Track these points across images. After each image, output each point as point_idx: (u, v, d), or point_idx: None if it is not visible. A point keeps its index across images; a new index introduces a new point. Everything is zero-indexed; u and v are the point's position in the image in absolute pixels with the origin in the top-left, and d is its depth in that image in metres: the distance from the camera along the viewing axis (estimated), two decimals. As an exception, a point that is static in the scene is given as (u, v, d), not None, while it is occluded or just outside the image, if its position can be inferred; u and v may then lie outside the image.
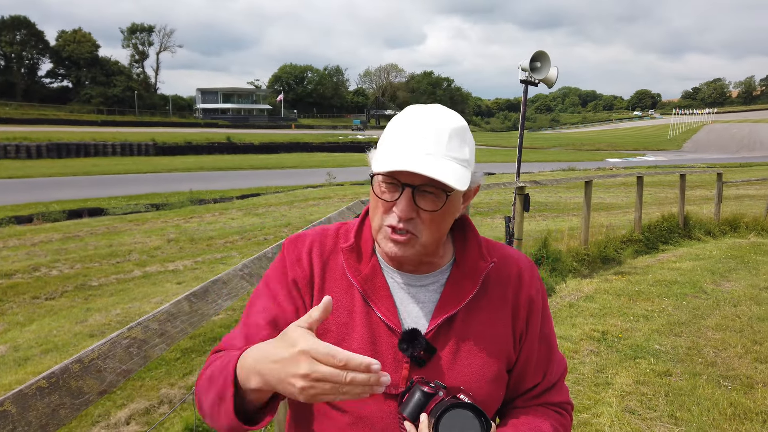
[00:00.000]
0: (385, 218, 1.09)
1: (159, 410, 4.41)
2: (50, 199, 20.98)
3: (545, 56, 6.61)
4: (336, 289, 1.16)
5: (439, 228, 1.10)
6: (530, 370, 1.22)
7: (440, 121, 1.07)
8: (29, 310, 8.25)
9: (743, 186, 22.47)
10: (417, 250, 1.10)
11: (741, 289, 6.59)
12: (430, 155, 1.03)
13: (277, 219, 15.79)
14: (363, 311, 1.14)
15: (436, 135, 1.05)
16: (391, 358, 1.11)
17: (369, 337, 1.12)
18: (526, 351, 1.21)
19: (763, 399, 3.84)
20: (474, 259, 1.19)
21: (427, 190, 1.05)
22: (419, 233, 1.08)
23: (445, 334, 1.13)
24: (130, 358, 1.18)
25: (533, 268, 1.26)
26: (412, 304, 1.16)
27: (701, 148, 69.31)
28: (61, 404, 0.97)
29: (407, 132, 1.06)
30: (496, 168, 34.94)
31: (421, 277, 1.17)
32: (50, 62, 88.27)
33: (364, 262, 1.17)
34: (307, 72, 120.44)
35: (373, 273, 1.16)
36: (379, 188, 1.09)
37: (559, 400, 1.25)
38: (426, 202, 1.06)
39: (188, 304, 1.44)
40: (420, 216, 1.07)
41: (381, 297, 1.14)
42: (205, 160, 44.38)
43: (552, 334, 1.27)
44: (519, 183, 6.92)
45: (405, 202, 1.05)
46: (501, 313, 1.18)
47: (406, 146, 1.04)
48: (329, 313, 0.91)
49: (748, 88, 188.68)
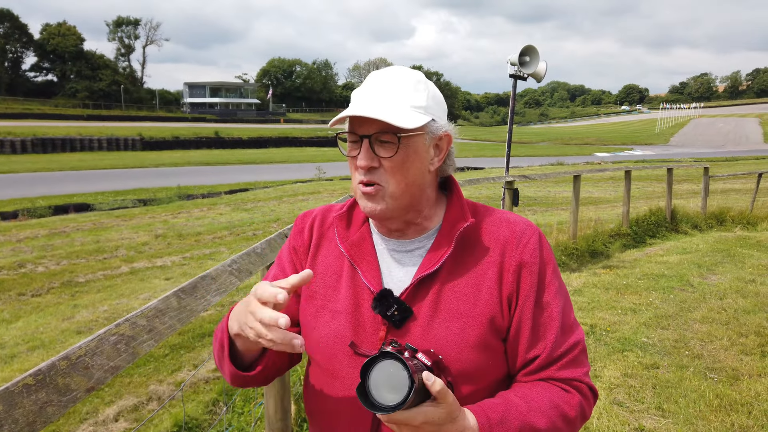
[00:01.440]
0: (356, 176, 1.14)
1: (148, 407, 4.39)
2: (35, 194, 20.75)
3: (534, 50, 6.62)
4: (329, 255, 1.24)
5: (405, 176, 1.12)
6: (524, 339, 1.14)
7: (391, 74, 1.14)
8: (15, 306, 8.16)
9: (729, 180, 22.69)
10: (387, 202, 1.13)
11: (727, 282, 6.66)
12: (377, 102, 1.10)
13: (266, 214, 15.73)
14: (349, 275, 1.19)
15: (384, 85, 1.12)
16: (371, 320, 1.14)
17: (352, 300, 1.16)
18: (518, 318, 1.14)
19: (748, 390, 3.89)
20: (455, 220, 1.19)
21: (381, 138, 1.10)
22: (385, 183, 1.12)
23: (423, 295, 1.13)
24: (118, 354, 1.16)
25: (532, 232, 1.19)
26: (396, 269, 1.18)
27: (688, 143, 69.90)
28: (48, 402, 0.96)
29: (361, 88, 1.15)
30: (485, 162, 35.05)
31: (407, 243, 1.20)
32: (34, 56, 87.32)
33: (353, 229, 1.24)
34: (295, 66, 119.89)
35: (360, 239, 1.21)
36: (346, 148, 1.16)
37: (567, 377, 1.14)
38: (384, 149, 1.10)
39: (177, 300, 1.43)
40: (383, 165, 1.11)
41: (366, 261, 1.18)
42: (193, 155, 44.08)
43: (556, 305, 1.16)
44: (508, 177, 6.94)
45: (364, 151, 1.11)
46: (485, 276, 1.14)
47: (357, 99, 1.13)
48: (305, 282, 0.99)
49: (734, 83, 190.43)
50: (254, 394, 3.78)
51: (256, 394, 3.74)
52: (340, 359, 1.15)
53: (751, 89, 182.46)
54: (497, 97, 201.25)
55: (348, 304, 1.16)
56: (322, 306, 1.20)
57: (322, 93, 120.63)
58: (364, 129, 1.10)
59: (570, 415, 1.11)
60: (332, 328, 1.16)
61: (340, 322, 1.16)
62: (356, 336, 1.14)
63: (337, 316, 1.17)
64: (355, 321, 1.15)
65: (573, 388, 1.14)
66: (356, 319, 1.15)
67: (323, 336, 1.17)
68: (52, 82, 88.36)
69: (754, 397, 3.80)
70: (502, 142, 11.70)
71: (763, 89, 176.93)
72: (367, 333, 1.14)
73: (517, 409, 1.06)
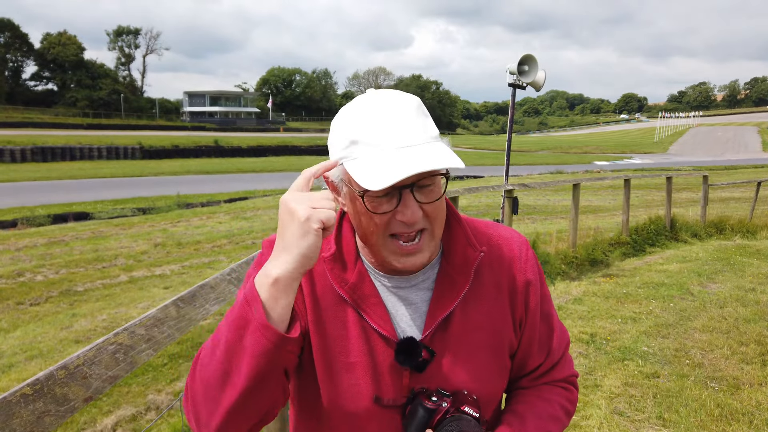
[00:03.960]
0: (387, 230, 1.00)
1: (146, 417, 4.37)
2: (35, 203, 20.74)
3: (533, 59, 6.65)
4: (325, 297, 1.09)
5: (443, 215, 1.05)
6: (533, 351, 1.19)
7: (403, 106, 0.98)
8: (13, 316, 8.14)
9: (728, 188, 22.72)
10: (431, 248, 1.03)
11: (727, 290, 6.65)
12: (414, 147, 0.94)
13: (265, 223, 15.74)
14: (356, 322, 1.08)
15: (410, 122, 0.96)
16: (389, 368, 1.06)
17: (366, 349, 1.07)
18: (528, 334, 1.17)
19: (749, 400, 3.88)
20: (462, 248, 1.11)
21: (423, 183, 0.98)
22: (430, 226, 1.02)
23: (443, 335, 1.07)
24: (117, 364, 1.16)
25: (527, 247, 1.18)
26: (404, 308, 1.10)
27: (687, 151, 69.99)
28: (45, 411, 0.95)
29: (380, 131, 0.96)
30: (484, 171, 35.07)
31: (410, 278, 1.10)
32: (35, 65, 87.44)
33: (349, 270, 1.09)
34: (295, 75, 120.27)
35: (360, 280, 1.08)
36: (370, 203, 0.98)
37: (564, 376, 1.23)
38: (425, 194, 0.99)
39: (175, 309, 1.43)
40: (425, 211, 0.99)
41: (371, 305, 1.07)
42: (193, 164, 44.12)
43: (551, 311, 1.22)
44: (507, 186, 6.95)
45: (411, 204, 0.97)
46: (498, 301, 1.12)
47: (392, 149, 0.94)
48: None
49: (732, 92, 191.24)
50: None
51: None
52: (362, 415, 1.06)
53: (750, 98, 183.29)
54: (496, 105, 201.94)
55: (362, 355, 1.07)
56: (333, 359, 1.08)
57: (322, 102, 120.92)
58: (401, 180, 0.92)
59: (571, 410, 1.22)
60: (350, 382, 1.07)
61: (358, 374, 1.06)
62: (378, 387, 1.06)
63: (352, 368, 1.07)
64: (374, 371, 1.06)
65: (570, 384, 1.24)
66: (374, 370, 1.07)
67: (341, 392, 1.07)
68: (52, 91, 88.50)
69: (755, 406, 3.78)
70: (502, 150, 11.74)
71: (761, 98, 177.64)
72: (388, 383, 1.06)
73: (538, 424, 1.13)
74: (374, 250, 1.05)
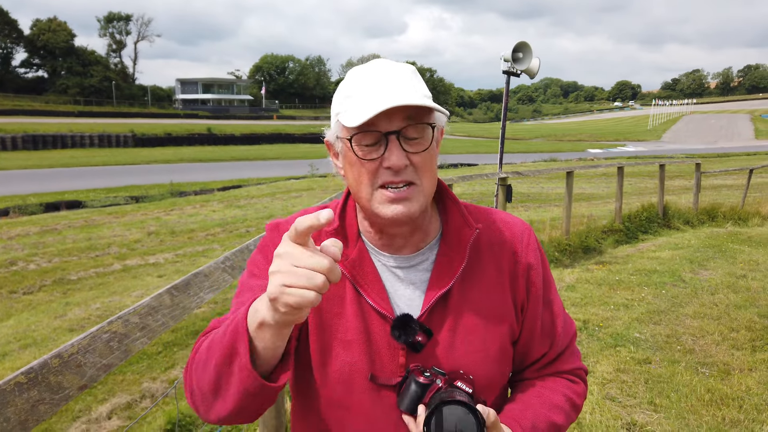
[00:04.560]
0: (376, 180, 1.00)
1: (141, 404, 4.38)
2: (27, 191, 20.61)
3: (527, 47, 6.62)
4: None
5: (433, 170, 1.04)
6: (536, 339, 1.16)
7: (397, 67, 1.03)
8: (7, 305, 8.11)
9: (721, 176, 22.84)
10: (421, 202, 1.02)
11: (718, 277, 6.71)
12: (400, 91, 0.97)
13: (259, 211, 15.70)
14: (354, 299, 1.08)
15: (400, 76, 1.00)
16: (387, 346, 1.06)
17: (362, 327, 1.07)
18: (530, 321, 1.14)
19: (739, 385, 3.93)
20: (458, 227, 1.11)
21: (409, 134, 0.99)
22: (418, 180, 1.01)
23: (441, 314, 1.07)
24: (111, 352, 1.16)
25: (529, 231, 1.18)
26: (403, 287, 1.10)
27: (680, 139, 70.19)
28: (40, 400, 0.95)
29: (365, 82, 1.00)
30: (478, 159, 35.09)
31: (410, 257, 1.10)
32: (24, 52, 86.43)
33: (350, 246, 1.10)
34: (288, 62, 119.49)
35: (360, 257, 1.09)
36: (360, 151, 1.00)
37: (570, 367, 1.20)
38: (413, 145, 0.99)
39: (169, 297, 1.43)
40: (413, 162, 1.00)
41: (370, 282, 1.07)
42: (186, 152, 43.91)
43: (556, 299, 1.19)
44: (501, 174, 6.95)
45: (395, 149, 0.98)
46: (498, 283, 1.11)
47: (373, 93, 0.97)
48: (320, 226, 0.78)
49: (725, 80, 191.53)
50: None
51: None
52: (358, 392, 1.07)
53: (743, 85, 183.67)
54: (490, 93, 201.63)
55: (359, 333, 1.07)
56: (331, 337, 1.08)
57: (316, 89, 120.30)
58: (386, 125, 0.97)
59: (578, 403, 1.18)
60: (346, 360, 1.07)
61: (354, 353, 1.07)
62: (373, 366, 1.06)
63: (348, 346, 1.07)
64: (370, 350, 1.06)
65: (577, 377, 1.21)
66: (370, 348, 1.07)
67: (337, 369, 1.07)
68: (42, 78, 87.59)
69: (745, 391, 3.83)
70: (496, 138, 11.84)
71: (754, 85, 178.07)
72: (384, 361, 1.06)
73: (541, 412, 1.11)
74: (365, 205, 1.04)
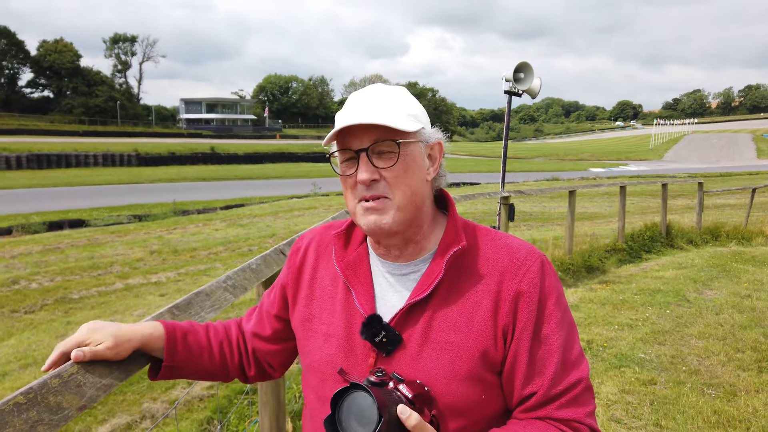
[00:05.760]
0: (355, 194, 1.10)
1: (141, 425, 4.34)
2: (30, 210, 20.69)
3: (528, 67, 6.67)
4: (326, 276, 1.21)
5: (409, 185, 1.08)
6: (519, 374, 1.06)
7: (375, 89, 1.13)
8: (8, 323, 8.09)
9: (723, 195, 22.82)
10: (394, 215, 1.07)
11: (723, 297, 6.66)
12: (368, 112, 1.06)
13: (261, 230, 15.71)
14: (344, 298, 1.16)
15: (371, 98, 1.10)
16: (362, 346, 1.11)
17: (345, 324, 1.13)
18: (513, 351, 1.06)
19: (746, 406, 3.88)
20: (449, 243, 1.13)
21: (379, 149, 1.07)
22: (390, 194, 1.07)
23: (413, 323, 1.08)
24: (111, 372, 1.15)
25: (534, 261, 1.11)
26: (391, 293, 1.14)
27: (682, 158, 70.33)
28: (39, 420, 0.94)
29: (347, 106, 1.12)
30: (481, 178, 35.17)
31: (402, 266, 1.15)
32: (31, 72, 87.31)
33: (350, 248, 1.20)
34: (291, 82, 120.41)
35: (357, 260, 1.18)
36: (340, 167, 1.12)
37: (566, 417, 1.04)
38: (383, 160, 1.07)
39: (171, 316, 1.42)
40: (384, 177, 1.07)
41: (361, 284, 1.14)
42: (189, 171, 44.09)
43: (557, 338, 1.07)
44: (504, 193, 6.96)
45: (363, 165, 1.07)
46: (480, 305, 1.07)
47: (347, 114, 1.08)
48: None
49: (726, 99, 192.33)
50: (249, 411, 3.74)
51: (251, 412, 3.70)
52: (330, 384, 1.11)
53: (744, 105, 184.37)
54: (492, 113, 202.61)
55: (340, 329, 1.13)
56: (317, 329, 1.18)
57: (319, 109, 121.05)
58: (357, 143, 1.07)
59: None
60: (324, 352, 1.14)
61: (332, 346, 1.13)
62: (346, 362, 1.11)
63: (329, 340, 1.14)
64: (347, 346, 1.12)
65: (572, 430, 1.04)
66: (348, 345, 1.12)
67: (315, 360, 1.16)
68: (48, 98, 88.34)
69: (752, 413, 3.78)
70: (498, 157, 11.86)
71: (755, 105, 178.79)
72: (357, 359, 1.10)
73: None
74: (353, 216, 1.13)
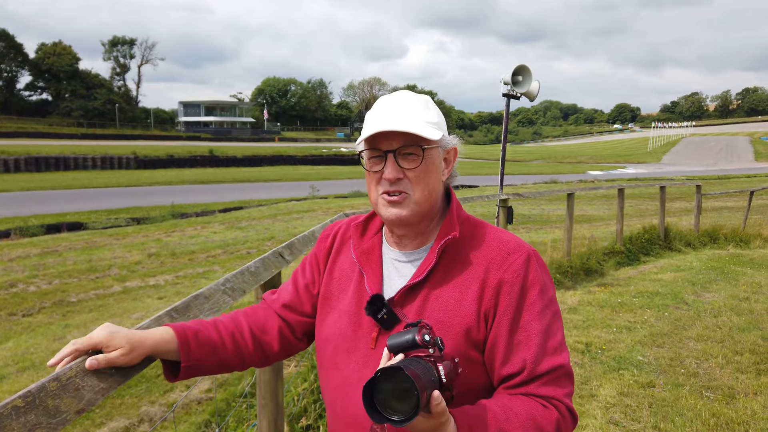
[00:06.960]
0: (379, 188, 1.26)
1: (139, 428, 4.33)
2: (28, 213, 20.64)
3: (527, 70, 6.68)
4: (345, 261, 1.40)
5: (427, 184, 1.25)
6: (498, 354, 1.19)
7: (403, 96, 1.28)
8: (6, 327, 8.07)
9: (721, 198, 22.85)
10: (412, 208, 1.25)
11: (721, 299, 6.67)
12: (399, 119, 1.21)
13: (260, 232, 15.70)
14: (358, 280, 1.34)
15: (400, 105, 1.25)
16: (368, 322, 1.28)
17: (356, 303, 1.31)
18: (494, 334, 1.20)
19: (744, 409, 3.88)
20: (444, 233, 1.28)
21: (406, 151, 1.23)
22: (410, 191, 1.24)
23: (410, 303, 1.25)
24: (109, 375, 1.15)
25: (521, 254, 1.24)
26: (397, 277, 1.31)
27: (680, 161, 70.41)
28: (37, 424, 0.94)
29: (378, 109, 1.27)
30: (479, 181, 35.17)
31: (408, 253, 1.32)
32: (29, 75, 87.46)
33: (366, 238, 1.39)
34: (290, 85, 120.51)
35: (371, 248, 1.36)
36: (368, 163, 1.27)
37: (546, 394, 1.17)
38: (408, 162, 1.23)
39: (169, 319, 1.42)
40: (407, 176, 1.24)
41: (371, 268, 1.32)
42: (187, 174, 44.03)
43: (537, 326, 1.19)
44: (502, 195, 6.96)
45: (390, 166, 1.23)
46: (468, 290, 1.22)
47: (379, 118, 1.23)
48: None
49: (724, 102, 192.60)
50: (247, 415, 3.74)
51: (250, 415, 3.70)
52: (341, 354, 1.30)
53: (741, 108, 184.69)
54: (491, 115, 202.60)
55: (352, 306, 1.32)
56: (334, 306, 1.37)
57: (317, 112, 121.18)
58: (387, 144, 1.23)
59: (546, 429, 1.14)
60: (338, 326, 1.33)
61: (344, 321, 1.32)
62: (354, 334, 1.29)
63: (342, 316, 1.33)
64: (356, 322, 1.30)
65: (552, 405, 1.17)
66: (356, 320, 1.30)
67: (330, 333, 1.34)
68: (46, 101, 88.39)
69: (750, 415, 3.78)
70: (496, 160, 11.89)
71: (753, 108, 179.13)
72: (363, 332, 1.28)
73: (495, 417, 1.11)
74: (374, 206, 1.30)
